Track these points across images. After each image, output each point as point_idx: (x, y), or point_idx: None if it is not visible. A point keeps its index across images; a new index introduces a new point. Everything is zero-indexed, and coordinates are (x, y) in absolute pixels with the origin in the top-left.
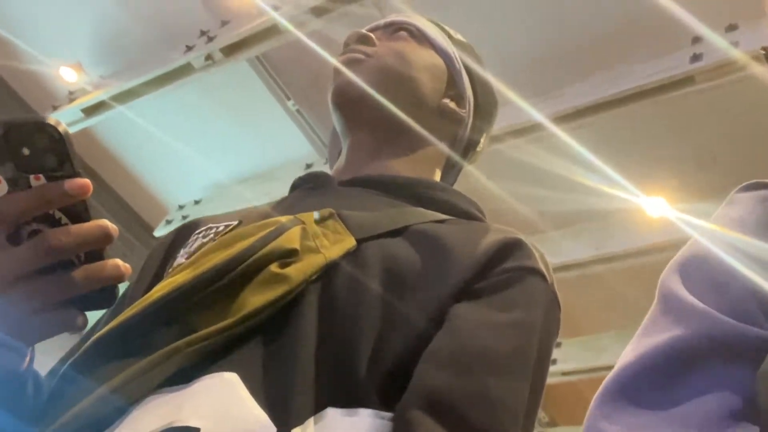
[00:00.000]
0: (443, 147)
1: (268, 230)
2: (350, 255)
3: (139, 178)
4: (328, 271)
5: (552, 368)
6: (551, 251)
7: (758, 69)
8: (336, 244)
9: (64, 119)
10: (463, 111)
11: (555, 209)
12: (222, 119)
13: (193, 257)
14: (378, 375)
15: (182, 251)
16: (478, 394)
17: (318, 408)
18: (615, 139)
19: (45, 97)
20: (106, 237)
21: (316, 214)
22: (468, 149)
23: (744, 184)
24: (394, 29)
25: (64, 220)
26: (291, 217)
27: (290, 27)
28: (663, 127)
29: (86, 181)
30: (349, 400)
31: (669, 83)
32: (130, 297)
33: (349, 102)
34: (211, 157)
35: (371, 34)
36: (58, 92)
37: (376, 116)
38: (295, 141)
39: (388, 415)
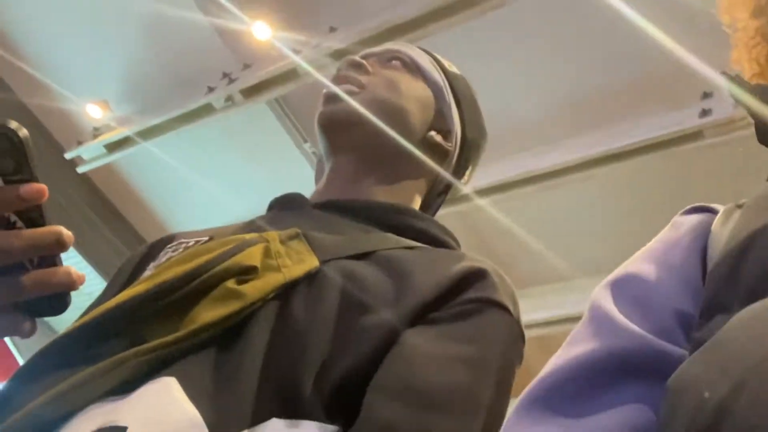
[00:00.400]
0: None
1: (228, 246)
2: (311, 275)
3: (158, 215)
4: (288, 290)
5: None
6: (556, 303)
7: None
8: (298, 264)
9: (87, 155)
10: (449, 144)
11: (557, 260)
12: (240, 159)
13: (154, 270)
14: (325, 390)
15: (151, 264)
16: (428, 429)
17: (260, 419)
18: (625, 190)
19: (71, 132)
20: (58, 243)
21: (282, 234)
22: (451, 183)
23: (686, 207)
24: (388, 57)
25: (19, 224)
26: (256, 235)
27: (310, 69)
28: (673, 179)
29: (42, 186)
30: (295, 413)
31: (678, 137)
32: (95, 306)
33: (335, 126)
34: (231, 196)
35: (365, 62)
36: (84, 128)
37: (360, 142)
38: (309, 181)
39: (332, 428)
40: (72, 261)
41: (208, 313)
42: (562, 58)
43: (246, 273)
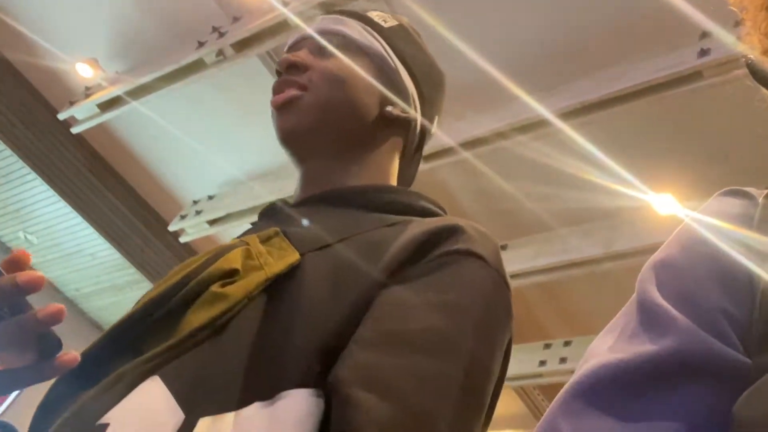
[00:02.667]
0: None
1: (208, 255)
2: (294, 268)
3: (154, 174)
4: (272, 285)
5: (562, 366)
6: (561, 249)
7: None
8: (280, 260)
9: (80, 115)
10: (409, 110)
11: (563, 207)
12: (235, 115)
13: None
14: (313, 363)
15: None
16: (410, 372)
17: (245, 403)
18: (623, 136)
19: (62, 92)
20: (18, 287)
21: (261, 235)
22: (422, 142)
23: (723, 190)
24: (322, 45)
25: None
26: (236, 240)
27: (299, 22)
28: (671, 123)
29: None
30: (277, 391)
31: (677, 79)
32: None
33: (294, 138)
34: (225, 153)
35: (301, 59)
36: (75, 88)
37: (323, 145)
38: None
39: (317, 391)
40: (72, 222)
41: (197, 317)
42: (555, 0)
43: (229, 276)
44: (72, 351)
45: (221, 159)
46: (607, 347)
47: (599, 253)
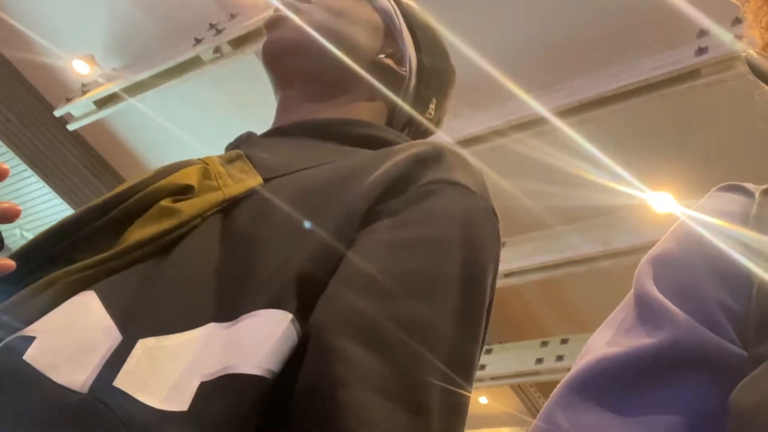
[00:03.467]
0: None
1: (160, 169)
2: (255, 192)
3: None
4: (229, 207)
5: (559, 364)
6: (559, 246)
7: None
8: (239, 183)
9: (77, 111)
10: (403, 69)
11: (561, 205)
12: (232, 112)
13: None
14: (282, 284)
15: None
16: (397, 319)
17: (194, 325)
18: (621, 134)
19: (59, 89)
20: None
21: (222, 157)
22: (413, 115)
23: (721, 185)
24: None
25: None
26: (194, 159)
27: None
28: (669, 121)
29: None
30: (240, 313)
31: (675, 77)
32: None
33: (278, 55)
34: (221, 150)
35: None
36: (72, 84)
37: (306, 70)
38: None
39: (292, 317)
40: None
41: (141, 231)
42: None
43: (182, 192)
44: (6, 259)
45: (218, 153)
46: (604, 341)
47: (597, 251)
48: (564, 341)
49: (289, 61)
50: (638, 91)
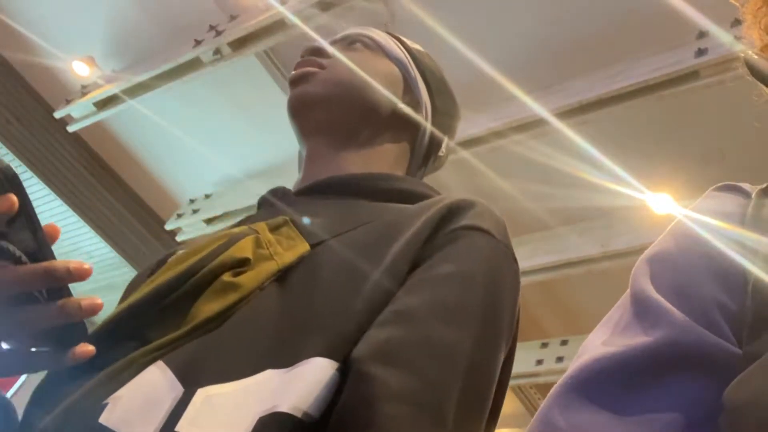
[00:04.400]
0: (401, 147)
1: (220, 242)
2: (305, 258)
3: (151, 172)
4: (283, 275)
5: (559, 365)
6: (558, 248)
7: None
8: (289, 250)
9: (77, 113)
10: (420, 115)
11: (560, 206)
12: (232, 113)
13: (152, 277)
14: (330, 340)
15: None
16: (421, 340)
17: (254, 372)
18: (620, 135)
19: (59, 90)
20: (63, 275)
21: (270, 223)
22: (429, 155)
23: (718, 185)
24: (350, 41)
25: (24, 258)
26: (245, 227)
27: (297, 21)
28: (668, 122)
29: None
30: (297, 360)
31: (674, 78)
32: None
33: (303, 110)
34: (221, 152)
35: (325, 48)
36: (72, 86)
37: (329, 122)
38: None
39: (338, 365)
40: (69, 220)
41: (208, 306)
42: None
43: (240, 265)
44: (88, 344)
45: (218, 157)
46: (601, 341)
47: (596, 252)
48: (564, 342)
49: (315, 113)
50: (638, 93)
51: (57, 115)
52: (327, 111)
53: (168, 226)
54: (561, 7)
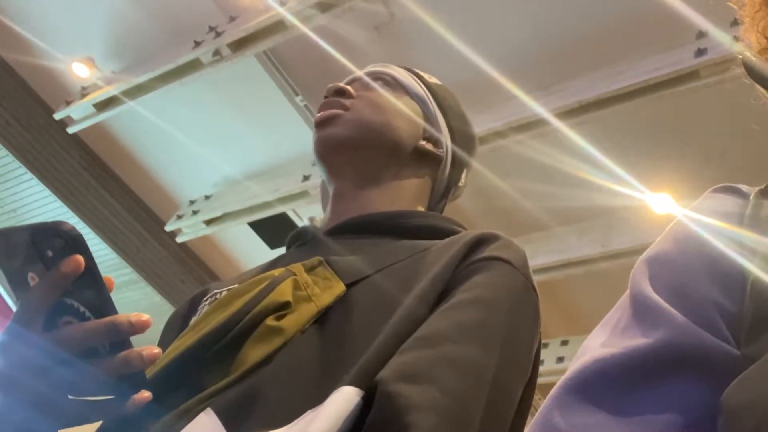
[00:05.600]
0: (424, 182)
1: (261, 286)
2: (341, 299)
3: (150, 173)
4: (321, 316)
5: (558, 366)
6: (558, 248)
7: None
8: (326, 291)
9: (76, 114)
10: (441, 151)
11: (560, 205)
12: (231, 115)
13: (194, 321)
14: (361, 370)
15: (193, 319)
16: (442, 358)
17: (294, 418)
18: (620, 135)
19: (58, 92)
20: (122, 328)
21: (306, 264)
22: (450, 187)
23: (716, 186)
24: (371, 79)
25: (88, 313)
26: (282, 269)
27: (296, 22)
28: (668, 122)
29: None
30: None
31: (674, 78)
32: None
33: (330, 151)
34: (221, 153)
35: (348, 87)
36: (71, 87)
37: (356, 162)
38: (303, 136)
39: (361, 391)
40: (69, 221)
41: (255, 351)
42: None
43: (282, 309)
44: (147, 391)
45: (218, 158)
46: (600, 342)
47: (596, 253)
48: (564, 343)
49: (341, 156)
50: (638, 93)
51: (57, 116)
52: (352, 153)
53: (168, 227)
54: (561, 7)
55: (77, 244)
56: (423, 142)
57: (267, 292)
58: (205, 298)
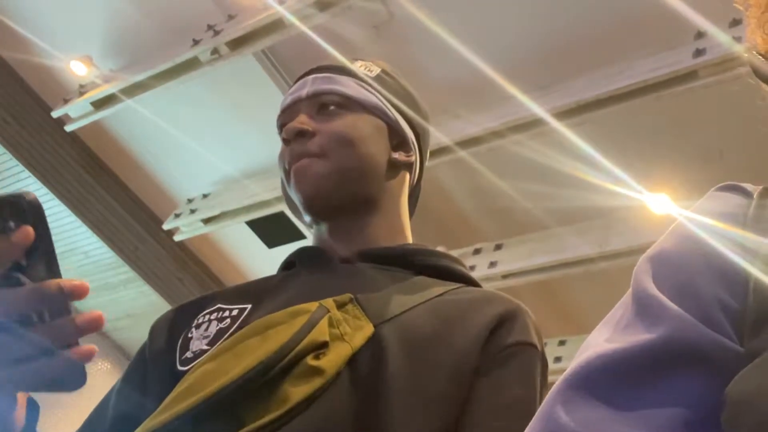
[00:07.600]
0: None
1: (301, 322)
2: (370, 340)
3: (148, 172)
4: (354, 357)
5: (556, 366)
6: (556, 248)
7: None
8: (357, 331)
9: (74, 113)
10: (410, 153)
11: (558, 205)
12: (229, 113)
13: (224, 345)
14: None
15: (197, 333)
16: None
17: None
18: (618, 135)
19: (56, 90)
20: (45, 296)
21: (337, 301)
22: (422, 170)
23: (720, 185)
24: (321, 104)
25: (24, 279)
26: (317, 304)
27: (295, 20)
28: (667, 123)
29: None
30: None
31: (672, 78)
32: (133, 367)
33: (319, 205)
34: (219, 152)
35: (308, 127)
36: (69, 85)
37: (344, 204)
38: None
39: None
40: (66, 220)
41: (297, 390)
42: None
43: (320, 348)
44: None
45: (216, 157)
46: (603, 338)
47: (594, 253)
48: (562, 343)
49: (329, 203)
50: (636, 93)
51: (54, 114)
52: (338, 198)
53: (166, 226)
54: (559, 7)
55: (35, 215)
56: (395, 155)
57: (308, 330)
58: (207, 312)
